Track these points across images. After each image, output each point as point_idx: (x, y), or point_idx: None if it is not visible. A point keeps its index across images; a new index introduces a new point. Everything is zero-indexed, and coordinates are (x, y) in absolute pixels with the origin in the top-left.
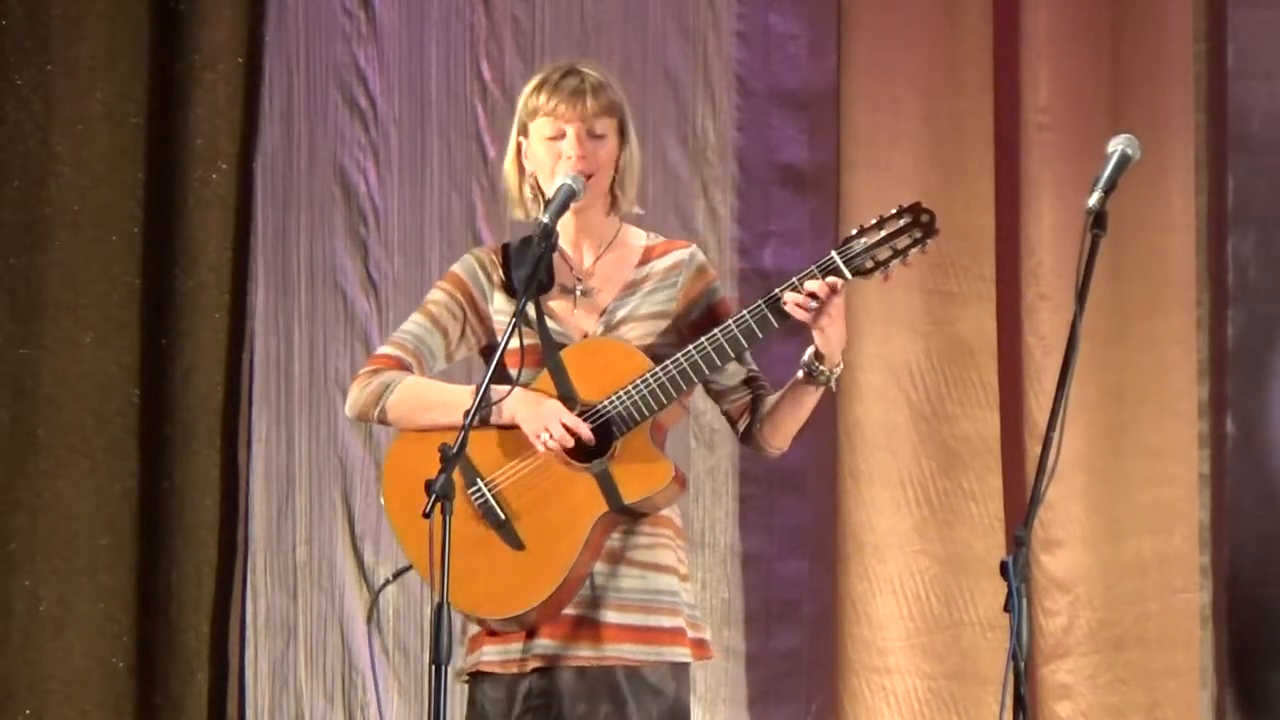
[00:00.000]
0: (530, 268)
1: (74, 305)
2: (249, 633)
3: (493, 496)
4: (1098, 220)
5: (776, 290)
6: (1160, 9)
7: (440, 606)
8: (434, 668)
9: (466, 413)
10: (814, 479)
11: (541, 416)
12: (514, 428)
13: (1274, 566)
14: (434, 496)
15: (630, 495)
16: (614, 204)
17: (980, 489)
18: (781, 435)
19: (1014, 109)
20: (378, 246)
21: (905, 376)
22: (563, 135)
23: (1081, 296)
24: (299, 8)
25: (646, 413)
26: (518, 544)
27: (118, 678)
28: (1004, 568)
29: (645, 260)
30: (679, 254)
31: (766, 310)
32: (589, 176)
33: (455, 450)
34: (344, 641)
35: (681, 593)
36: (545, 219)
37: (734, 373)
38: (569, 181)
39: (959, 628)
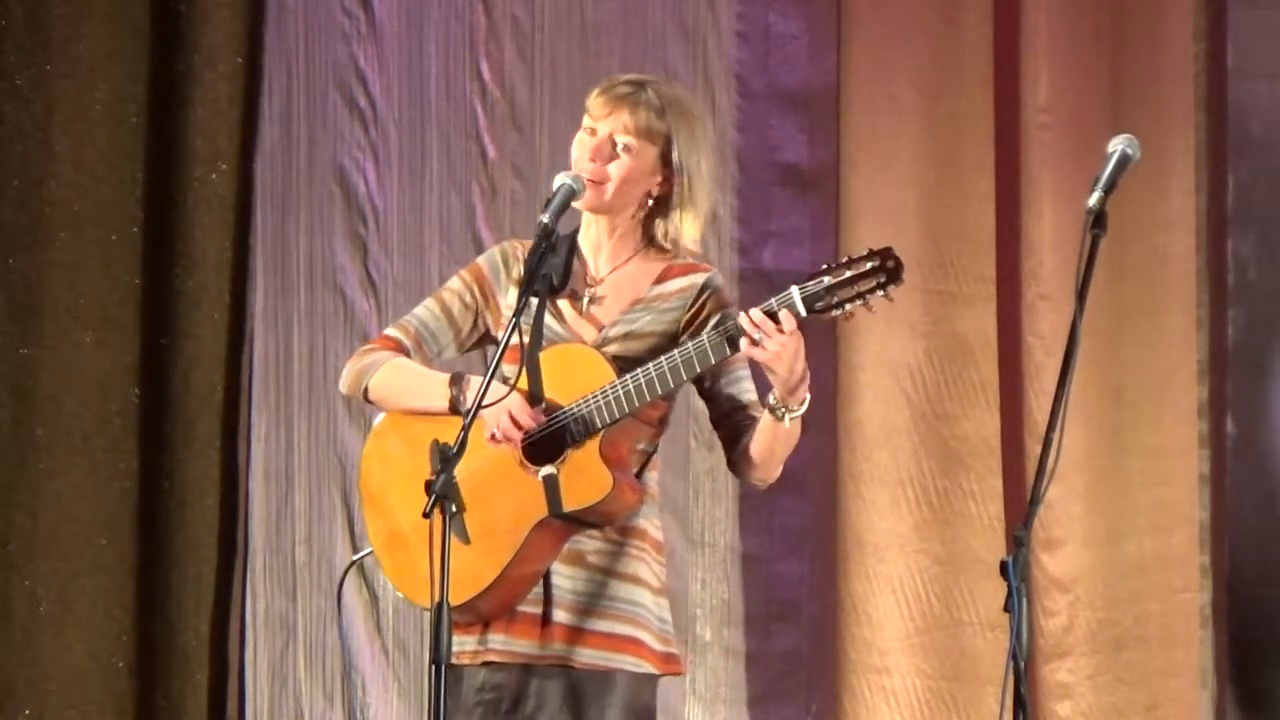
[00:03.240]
0: (529, 267)
1: (74, 305)
2: (248, 633)
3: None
4: (1098, 220)
5: (735, 317)
6: (1160, 9)
7: (440, 606)
8: (434, 667)
9: (466, 412)
10: (814, 479)
11: (498, 409)
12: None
13: (1274, 566)
14: (434, 497)
15: (569, 504)
16: (649, 234)
17: (980, 489)
18: (757, 468)
19: (1014, 109)
20: (377, 246)
21: (905, 376)
22: (593, 133)
23: (1081, 296)
24: (298, 8)
25: (599, 424)
26: (465, 537)
27: (118, 678)
28: (1004, 568)
29: (662, 279)
30: (694, 277)
31: (723, 338)
32: (599, 182)
33: (455, 451)
34: (343, 641)
35: (650, 605)
36: (544, 218)
37: (724, 399)
38: (569, 180)
39: (959, 628)
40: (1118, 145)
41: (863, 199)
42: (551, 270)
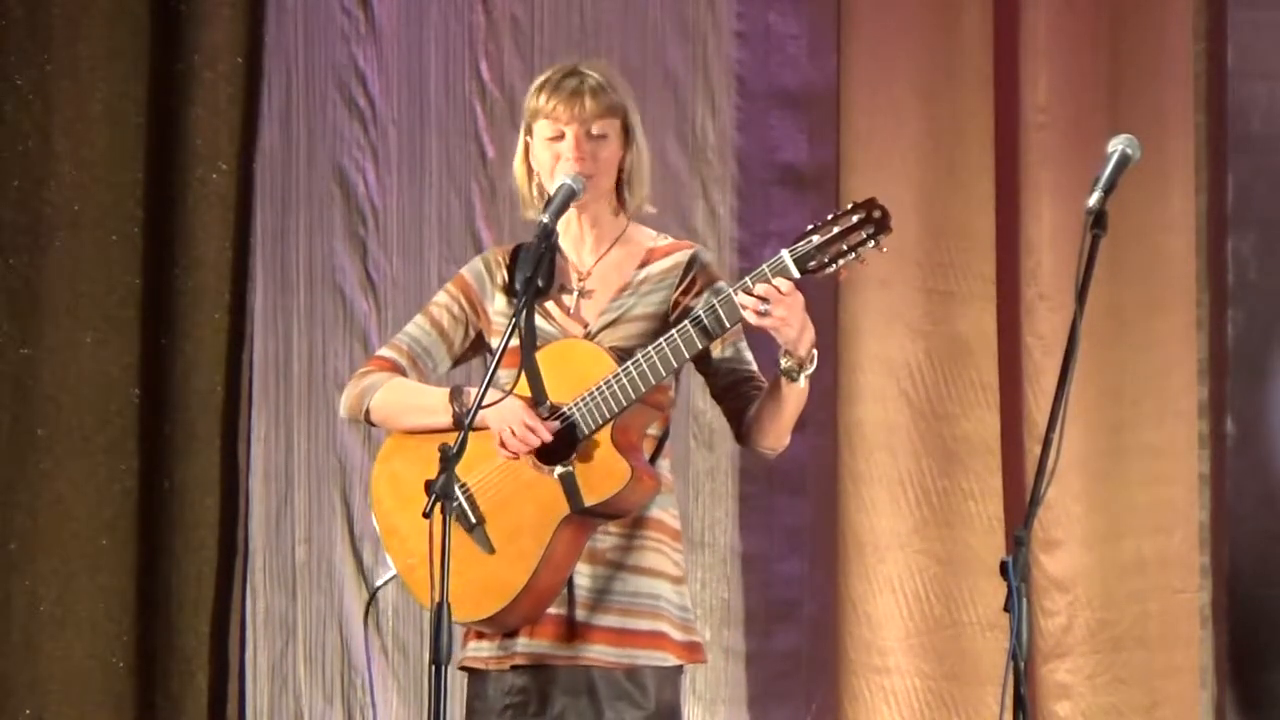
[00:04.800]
0: (530, 268)
1: (74, 305)
2: (248, 633)
3: (465, 500)
4: (1098, 220)
5: (729, 289)
6: (1160, 9)
7: (440, 606)
8: (434, 668)
9: (466, 412)
10: (814, 479)
11: (504, 417)
12: (486, 429)
13: (1274, 566)
14: (434, 496)
15: (590, 497)
16: (621, 205)
17: (980, 489)
18: (769, 436)
19: (1014, 109)
20: (376, 246)
21: (905, 376)
22: (562, 137)
23: (1081, 296)
24: (298, 8)
25: (607, 415)
26: (488, 547)
27: (118, 678)
28: (1004, 568)
29: (646, 262)
30: (679, 256)
31: (720, 310)
32: (589, 177)
33: (455, 451)
34: (343, 641)
35: (670, 596)
36: (545, 219)
37: (726, 374)
38: (569, 181)
39: (959, 628)
40: (1118, 145)
41: (862, 199)
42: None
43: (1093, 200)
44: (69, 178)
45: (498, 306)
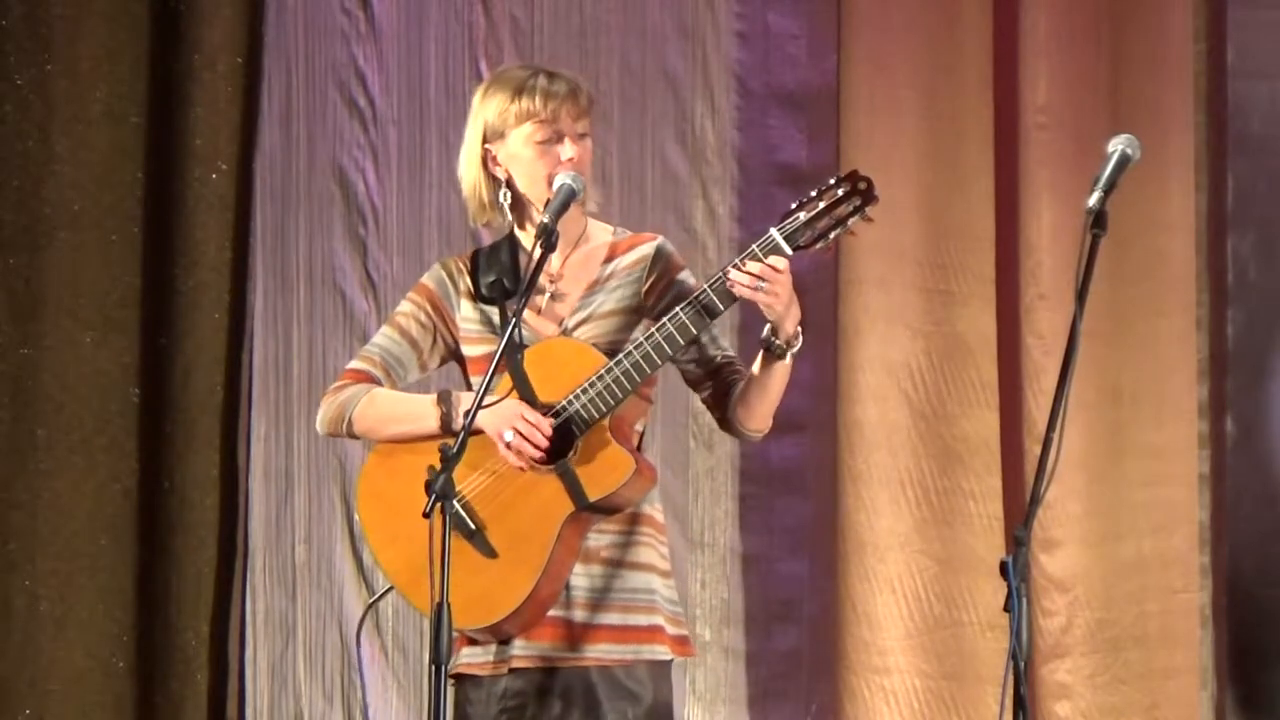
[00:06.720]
0: (532, 270)
1: (74, 305)
2: (248, 633)
3: (462, 507)
4: (1097, 220)
5: (720, 272)
6: (1160, 9)
7: (440, 607)
8: (433, 668)
9: (466, 413)
10: (814, 479)
11: (503, 418)
12: (479, 434)
13: (1274, 566)
14: (434, 496)
15: (594, 492)
16: (584, 207)
17: (980, 489)
18: (755, 417)
19: (1014, 109)
20: (376, 246)
21: (905, 376)
22: (558, 139)
23: (1081, 296)
24: (298, 7)
25: (604, 408)
26: (490, 552)
27: (118, 678)
28: (1004, 568)
29: (611, 257)
30: (643, 248)
31: (712, 294)
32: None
33: (455, 450)
34: (343, 641)
35: (661, 589)
36: (546, 219)
37: (705, 360)
38: (569, 181)
39: (959, 628)
40: (1118, 145)
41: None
42: (502, 276)
43: (1093, 200)
44: (69, 178)
45: (464, 313)
